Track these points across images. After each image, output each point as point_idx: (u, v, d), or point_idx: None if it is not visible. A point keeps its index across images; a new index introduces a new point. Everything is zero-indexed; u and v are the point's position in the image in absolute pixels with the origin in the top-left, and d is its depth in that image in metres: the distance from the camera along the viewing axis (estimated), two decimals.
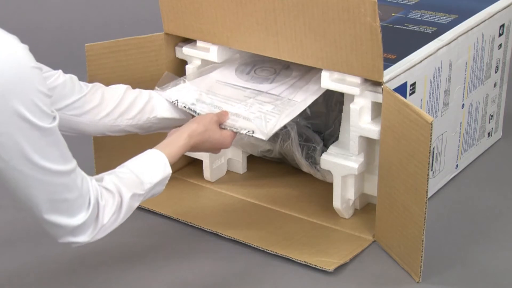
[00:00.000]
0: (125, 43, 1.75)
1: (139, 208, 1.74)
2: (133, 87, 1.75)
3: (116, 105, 1.58)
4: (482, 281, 1.52)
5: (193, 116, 1.62)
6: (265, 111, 1.60)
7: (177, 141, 1.47)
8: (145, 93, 1.64)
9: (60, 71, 1.51)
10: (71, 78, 1.53)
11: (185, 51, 1.77)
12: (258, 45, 1.65)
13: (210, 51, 1.73)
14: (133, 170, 1.38)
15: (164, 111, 1.64)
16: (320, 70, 1.64)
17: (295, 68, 1.73)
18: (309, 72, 1.70)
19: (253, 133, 1.56)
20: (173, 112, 1.65)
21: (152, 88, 1.68)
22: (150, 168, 1.39)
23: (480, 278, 1.53)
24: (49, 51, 2.56)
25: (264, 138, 1.55)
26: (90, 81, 1.73)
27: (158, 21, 1.77)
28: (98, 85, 1.59)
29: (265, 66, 1.76)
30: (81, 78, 1.57)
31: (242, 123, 1.58)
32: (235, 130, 1.57)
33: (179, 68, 1.81)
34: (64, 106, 1.51)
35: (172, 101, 1.63)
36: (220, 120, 1.57)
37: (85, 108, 1.54)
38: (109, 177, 1.34)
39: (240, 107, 1.62)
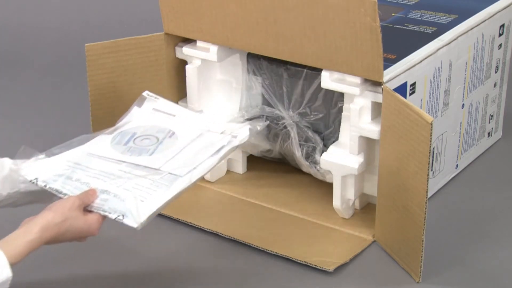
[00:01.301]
0: (125, 43, 1.75)
1: None
2: (133, 87, 1.75)
3: None
4: (482, 281, 1.52)
5: (57, 196, 1.37)
6: (141, 188, 1.37)
7: (24, 235, 1.22)
8: (6, 165, 1.39)
9: None
10: None
11: (185, 51, 1.77)
12: (258, 45, 1.65)
13: (210, 51, 1.73)
14: None
15: (29, 185, 1.39)
16: (212, 133, 1.55)
17: (180, 135, 1.53)
18: (197, 139, 1.53)
19: (123, 217, 1.31)
20: None
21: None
22: None
23: (480, 278, 1.53)
24: (49, 51, 2.57)
25: (135, 225, 1.31)
26: (90, 81, 1.74)
27: (158, 21, 1.77)
28: None
29: (147, 135, 1.53)
30: (81, 78, 1.56)
31: (112, 204, 1.33)
32: (102, 213, 1.32)
33: (179, 68, 1.81)
34: None
35: (31, 180, 1.38)
36: (85, 203, 1.31)
37: None
38: None
39: (112, 182, 1.38)
